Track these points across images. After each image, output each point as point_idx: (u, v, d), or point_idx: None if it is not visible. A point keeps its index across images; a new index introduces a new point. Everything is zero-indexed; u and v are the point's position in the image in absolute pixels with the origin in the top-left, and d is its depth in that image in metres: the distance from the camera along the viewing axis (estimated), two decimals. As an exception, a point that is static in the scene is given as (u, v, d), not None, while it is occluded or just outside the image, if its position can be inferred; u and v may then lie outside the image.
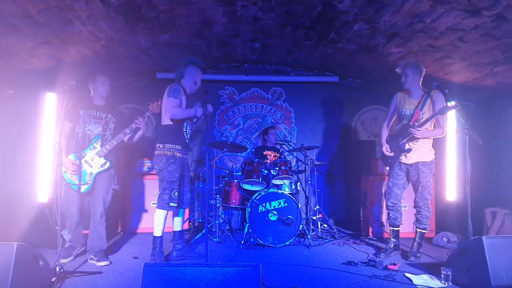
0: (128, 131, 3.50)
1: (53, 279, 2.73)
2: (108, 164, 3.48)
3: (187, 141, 3.55)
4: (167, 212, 3.43)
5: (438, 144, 4.74)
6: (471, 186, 3.25)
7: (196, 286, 2.17)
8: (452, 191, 4.70)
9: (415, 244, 3.67)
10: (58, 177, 3.11)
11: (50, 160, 4.21)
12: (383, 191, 3.95)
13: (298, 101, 5.77)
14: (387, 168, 3.90)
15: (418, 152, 3.58)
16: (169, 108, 3.36)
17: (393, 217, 3.76)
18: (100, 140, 3.48)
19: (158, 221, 3.42)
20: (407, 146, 3.57)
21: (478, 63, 3.81)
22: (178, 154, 3.42)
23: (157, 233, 3.44)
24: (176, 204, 3.43)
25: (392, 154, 3.71)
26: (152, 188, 4.96)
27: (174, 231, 3.71)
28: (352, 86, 5.70)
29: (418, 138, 3.51)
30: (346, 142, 5.76)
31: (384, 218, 4.58)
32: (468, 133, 3.27)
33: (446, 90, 3.39)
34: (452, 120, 4.57)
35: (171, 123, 3.44)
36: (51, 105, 4.34)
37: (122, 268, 3.32)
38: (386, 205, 3.80)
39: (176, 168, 3.39)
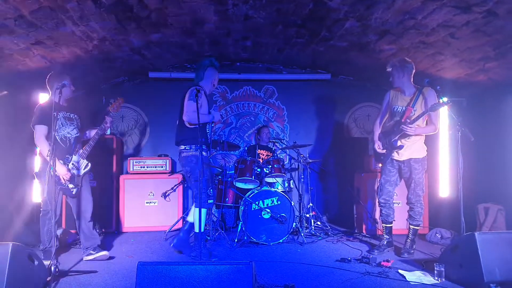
0: (100, 132, 3.59)
1: (48, 278, 2.73)
2: (89, 165, 3.58)
3: (209, 141, 3.68)
4: (206, 210, 3.54)
5: (430, 141, 4.76)
6: (463, 182, 3.26)
7: (190, 284, 2.16)
8: (445, 188, 4.74)
9: (409, 240, 3.68)
10: (52, 179, 3.07)
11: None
12: (376, 188, 3.96)
13: (291, 99, 5.77)
14: (380, 165, 3.91)
15: (411, 149, 3.59)
16: (187, 112, 3.42)
17: (385, 214, 3.77)
18: (80, 143, 3.59)
19: (199, 217, 3.38)
20: (399, 143, 3.58)
21: (470, 59, 3.84)
22: (204, 154, 3.51)
23: (202, 228, 3.40)
24: (213, 200, 3.63)
25: (384, 151, 3.72)
26: (144, 187, 4.95)
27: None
28: (344, 84, 5.72)
29: (410, 135, 3.52)
30: (339, 140, 5.78)
31: (377, 215, 4.60)
32: (460, 130, 3.29)
33: (438, 87, 3.40)
34: (444, 117, 4.60)
35: (197, 125, 3.38)
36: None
37: (116, 267, 3.31)
38: (379, 202, 3.80)
39: (206, 167, 3.52)
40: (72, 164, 3.46)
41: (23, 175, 4.24)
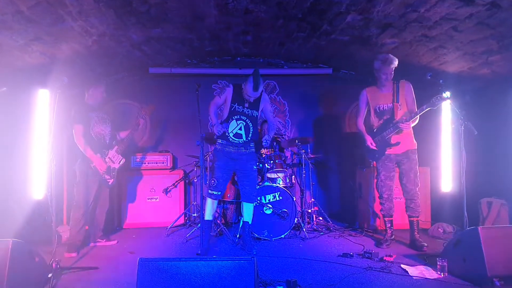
0: (133, 132, 4.15)
1: (50, 275, 2.72)
2: (123, 160, 4.08)
3: (231, 137, 3.69)
4: (212, 200, 3.71)
5: (433, 135, 4.75)
6: (466, 176, 3.24)
7: (191, 280, 2.15)
8: (447, 182, 4.71)
9: (417, 233, 3.70)
10: (52, 174, 3.08)
11: (44, 157, 4.17)
12: (375, 185, 3.96)
13: (292, 94, 5.73)
14: (374, 163, 3.99)
15: (406, 141, 3.68)
16: (211, 102, 3.78)
17: (388, 208, 3.81)
18: (114, 140, 4.05)
19: (205, 206, 3.72)
20: (395, 140, 3.63)
21: (473, 53, 3.80)
22: (220, 147, 3.76)
23: (206, 216, 3.72)
24: (215, 192, 3.67)
25: (374, 147, 3.78)
26: (145, 183, 4.94)
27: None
28: (346, 78, 5.67)
29: (404, 130, 3.60)
30: (340, 135, 5.75)
31: (379, 210, 4.59)
32: (463, 124, 3.26)
33: (441, 80, 3.37)
34: (447, 111, 4.57)
35: (222, 120, 3.77)
36: (44, 102, 4.28)
37: (118, 263, 3.31)
38: (381, 197, 3.83)
39: (217, 159, 3.76)
40: (109, 158, 3.91)
41: (23, 172, 4.23)
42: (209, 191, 3.68)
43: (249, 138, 3.76)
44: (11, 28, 3.22)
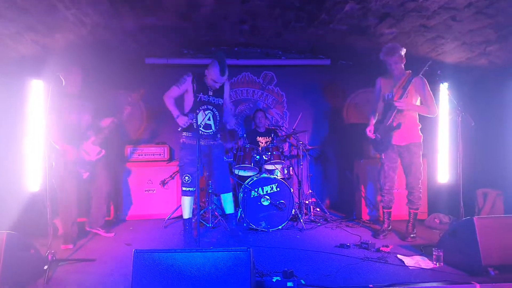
0: (116, 121, 3.77)
1: (45, 267, 2.71)
2: (103, 152, 3.73)
3: (200, 129, 3.52)
4: (189, 197, 3.59)
5: (430, 126, 4.74)
6: (463, 167, 3.24)
7: (187, 271, 2.15)
8: (444, 173, 4.71)
9: (410, 225, 3.71)
10: (48, 167, 3.07)
11: (39, 149, 4.14)
12: (376, 175, 3.94)
13: (290, 85, 5.69)
14: (378, 156, 3.92)
15: (409, 133, 3.59)
16: (165, 94, 3.53)
17: (388, 200, 3.79)
18: (92, 129, 3.70)
19: (181, 205, 3.66)
20: (395, 123, 3.55)
21: (471, 43, 3.77)
22: (188, 141, 3.58)
23: (184, 215, 3.65)
24: (190, 189, 3.54)
25: (373, 136, 3.72)
26: (143, 175, 4.92)
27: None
28: (344, 69, 5.63)
29: (403, 110, 3.50)
30: (338, 126, 5.73)
31: (376, 201, 4.60)
32: (461, 114, 3.25)
33: (439, 71, 3.35)
34: (444, 101, 4.55)
35: (185, 111, 3.57)
36: (38, 93, 4.24)
37: (114, 254, 3.31)
38: (383, 189, 3.80)
39: (186, 154, 3.54)
40: (84, 149, 3.61)
41: (18, 164, 4.20)
42: (184, 189, 3.52)
43: (217, 128, 3.64)
44: (3, 16, 3.17)
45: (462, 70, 4.37)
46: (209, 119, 3.58)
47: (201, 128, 3.52)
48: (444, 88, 4.05)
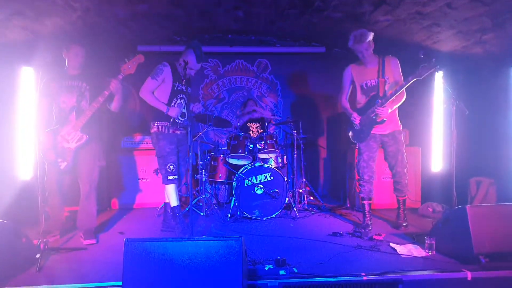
0: (101, 99, 3.20)
1: (38, 255, 2.69)
2: (85, 138, 3.25)
3: (178, 119, 3.46)
4: (174, 185, 3.47)
5: (424, 115, 4.74)
6: (457, 156, 3.24)
7: (178, 260, 2.13)
8: (438, 162, 4.73)
9: (401, 212, 3.71)
10: (38, 155, 3.01)
11: (30, 137, 4.08)
12: (354, 165, 3.81)
13: (284, 73, 5.65)
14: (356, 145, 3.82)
15: (392, 121, 3.54)
16: (142, 89, 3.42)
17: (368, 190, 3.68)
18: (74, 112, 3.23)
19: (168, 194, 3.52)
20: (379, 119, 3.48)
21: (467, 31, 3.73)
22: (166, 131, 3.47)
23: (173, 203, 3.51)
24: (175, 177, 3.47)
25: (358, 122, 3.61)
26: (136, 164, 4.89)
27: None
28: (339, 57, 5.57)
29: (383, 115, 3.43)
30: (332, 114, 5.71)
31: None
32: (455, 103, 3.23)
33: (433, 59, 3.31)
34: (439, 90, 4.54)
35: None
36: (27, 80, 4.16)
37: (107, 243, 3.30)
38: (362, 179, 3.67)
39: (166, 144, 3.45)
40: (62, 135, 3.19)
41: (9, 152, 4.14)
42: (169, 177, 3.43)
43: (188, 116, 3.62)
44: (-11, 2, 3.09)
45: (457, 59, 4.34)
46: (184, 108, 3.54)
47: (178, 117, 3.48)
48: (439, 77, 4.02)
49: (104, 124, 4.91)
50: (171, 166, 3.44)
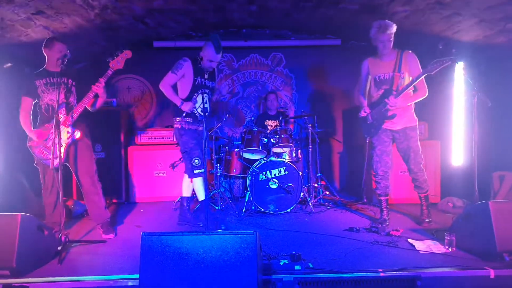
0: (91, 95, 3.19)
1: (59, 248, 2.77)
2: (78, 134, 3.22)
3: (198, 114, 3.51)
4: (201, 178, 3.52)
5: (445, 107, 4.61)
6: (478, 150, 3.14)
7: (194, 254, 2.15)
8: (458, 156, 4.60)
9: (424, 208, 3.62)
10: (57, 147, 3.00)
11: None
12: (370, 161, 3.72)
13: (299, 67, 5.59)
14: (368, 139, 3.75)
15: (404, 117, 3.43)
16: (162, 82, 3.50)
17: (384, 186, 3.61)
18: (64, 108, 3.20)
19: (195, 188, 3.62)
20: (390, 113, 3.40)
21: (490, 20, 3.59)
22: (187, 127, 3.51)
23: (200, 197, 3.62)
24: (202, 170, 3.48)
25: (365, 115, 3.55)
26: (153, 159, 4.95)
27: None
28: (355, 49, 5.48)
29: (392, 109, 3.34)
30: (349, 108, 5.62)
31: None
32: (476, 95, 3.13)
33: (454, 50, 3.21)
34: (459, 82, 4.40)
35: (182, 97, 3.50)
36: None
37: (125, 236, 3.36)
38: (377, 175, 3.61)
39: (189, 139, 3.51)
40: (52, 133, 3.05)
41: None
42: (195, 171, 3.47)
43: (211, 110, 3.64)
44: (11, 1, 3.16)
45: (479, 49, 4.20)
46: (206, 102, 3.55)
47: (199, 112, 3.51)
48: (459, 68, 3.89)
49: (122, 119, 5.01)
50: (196, 160, 3.48)
